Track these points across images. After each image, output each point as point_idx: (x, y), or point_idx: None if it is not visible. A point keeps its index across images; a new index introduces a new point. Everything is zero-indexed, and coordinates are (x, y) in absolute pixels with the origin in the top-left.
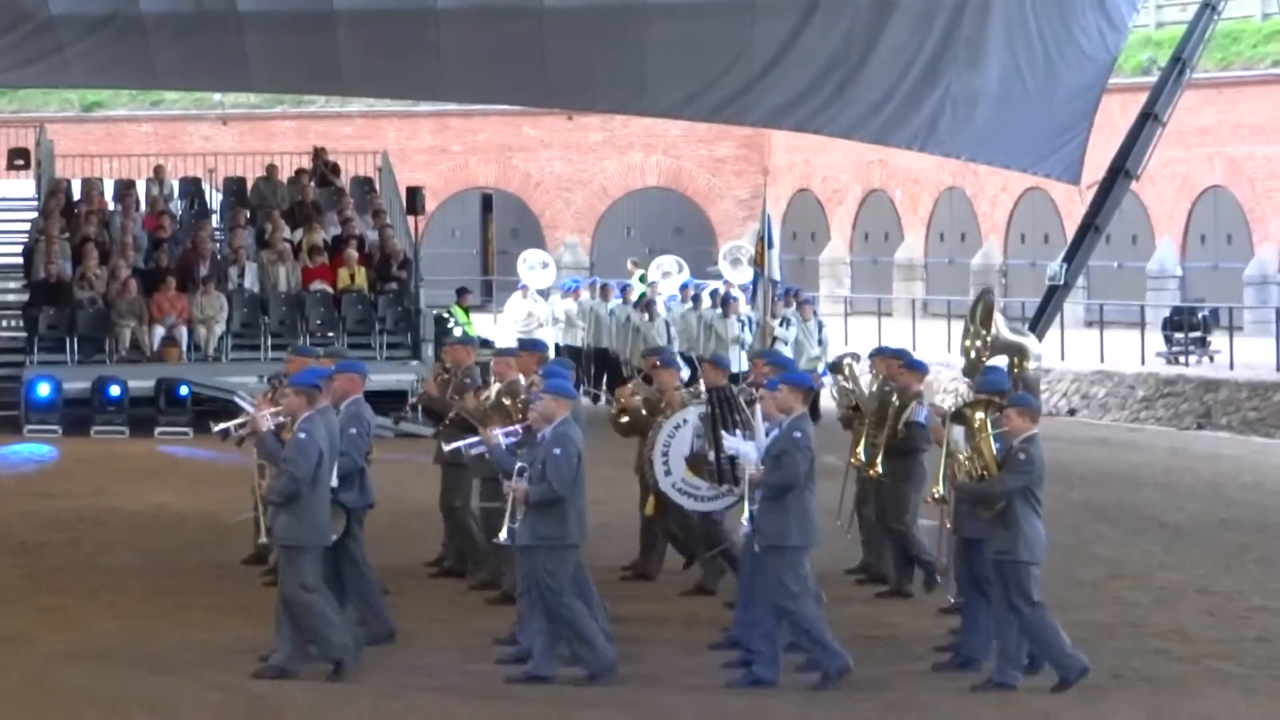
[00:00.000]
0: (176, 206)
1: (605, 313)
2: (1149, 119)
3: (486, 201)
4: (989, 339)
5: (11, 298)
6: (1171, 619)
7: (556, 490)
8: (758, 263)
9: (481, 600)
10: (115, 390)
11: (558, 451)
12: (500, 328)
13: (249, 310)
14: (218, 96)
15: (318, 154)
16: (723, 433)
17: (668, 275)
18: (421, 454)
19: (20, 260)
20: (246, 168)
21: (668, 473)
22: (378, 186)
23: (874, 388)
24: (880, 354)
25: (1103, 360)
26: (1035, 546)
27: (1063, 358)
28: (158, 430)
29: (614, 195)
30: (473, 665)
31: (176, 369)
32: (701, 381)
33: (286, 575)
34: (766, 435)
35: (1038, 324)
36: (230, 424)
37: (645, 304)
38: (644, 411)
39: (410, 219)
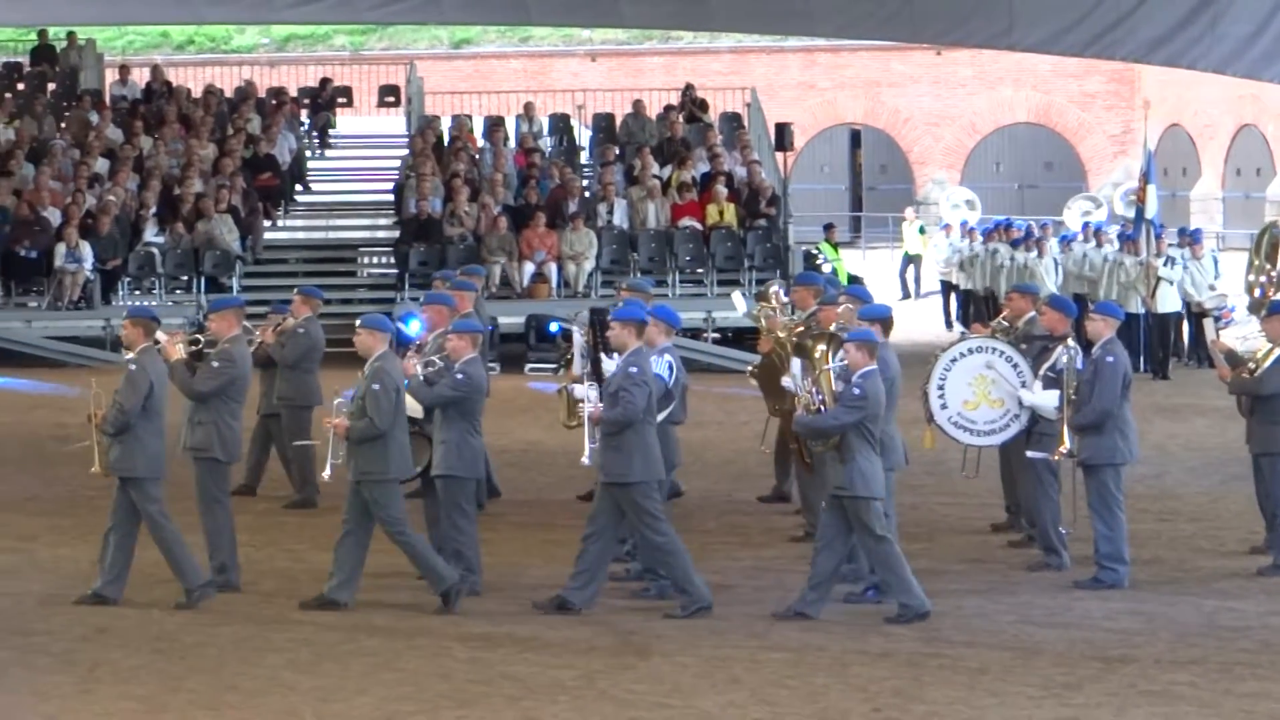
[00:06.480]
0: (546, 143)
1: (986, 253)
2: None
3: (855, 137)
4: (1275, 275)
5: (382, 234)
6: None
7: (377, 425)
8: (1139, 199)
9: None
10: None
11: (376, 387)
12: (927, 265)
13: (618, 247)
14: (586, 33)
15: (686, 90)
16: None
17: (1087, 215)
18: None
19: (391, 197)
20: (615, 104)
21: (944, 406)
22: (746, 123)
23: (795, 317)
24: (801, 283)
25: None
26: (872, 481)
27: None
28: (528, 367)
29: (983, 131)
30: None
31: (546, 305)
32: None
33: (141, 505)
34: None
35: None
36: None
37: (1034, 242)
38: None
39: (778, 155)
